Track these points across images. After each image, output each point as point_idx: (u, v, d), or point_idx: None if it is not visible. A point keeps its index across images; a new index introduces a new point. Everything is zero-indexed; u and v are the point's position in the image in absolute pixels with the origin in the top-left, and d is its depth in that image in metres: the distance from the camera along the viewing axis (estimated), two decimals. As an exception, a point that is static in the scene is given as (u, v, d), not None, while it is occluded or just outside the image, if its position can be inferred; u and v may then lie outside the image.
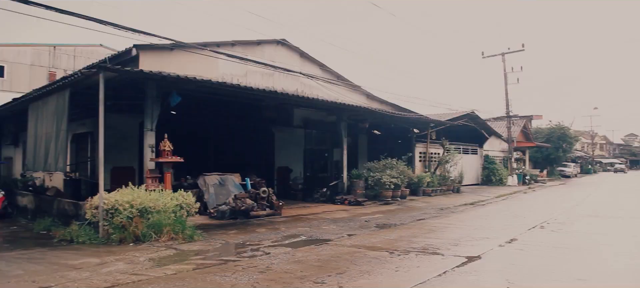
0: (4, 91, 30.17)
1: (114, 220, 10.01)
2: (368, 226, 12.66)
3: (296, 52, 20.28)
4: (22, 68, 33.97)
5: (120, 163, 15.91)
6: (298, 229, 12.05)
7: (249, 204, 13.97)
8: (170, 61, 15.24)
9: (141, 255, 8.65)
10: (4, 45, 33.91)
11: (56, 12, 9.57)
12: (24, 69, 34.04)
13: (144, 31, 11.38)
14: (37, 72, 34.07)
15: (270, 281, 6.85)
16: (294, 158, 22.77)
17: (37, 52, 34.83)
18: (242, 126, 20.36)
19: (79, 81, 11.61)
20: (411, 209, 17.22)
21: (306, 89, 19.81)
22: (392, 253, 8.84)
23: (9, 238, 11.60)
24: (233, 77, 16.89)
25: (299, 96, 17.07)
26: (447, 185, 24.76)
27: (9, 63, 33.49)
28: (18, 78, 33.31)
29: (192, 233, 10.40)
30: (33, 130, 13.55)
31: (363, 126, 22.11)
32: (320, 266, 7.81)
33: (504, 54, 34.39)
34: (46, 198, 14.75)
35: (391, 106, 23.75)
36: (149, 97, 12.51)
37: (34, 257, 8.85)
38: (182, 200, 11.06)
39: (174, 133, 13.12)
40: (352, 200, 18.30)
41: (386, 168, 20.31)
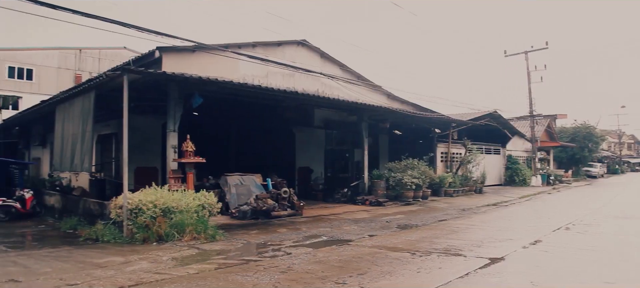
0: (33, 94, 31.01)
1: (137, 219, 10.18)
2: (389, 227, 12.60)
3: (317, 52, 20.31)
4: (49, 71, 34.81)
5: (143, 164, 16.15)
6: (319, 229, 12.06)
7: (270, 204, 14.04)
8: (192, 62, 15.42)
9: (164, 255, 8.77)
10: (32, 49, 34.80)
11: (82, 16, 9.78)
12: (51, 71, 34.88)
13: (166, 33, 11.55)
14: (64, 75, 34.87)
15: (292, 281, 6.88)
16: (315, 158, 22.79)
17: (64, 55, 35.65)
18: (263, 127, 20.46)
19: (103, 83, 11.83)
20: (433, 210, 17.08)
21: (327, 89, 19.82)
22: (414, 254, 8.78)
23: (38, 236, 11.89)
24: (254, 78, 17.00)
25: (320, 97, 17.08)
26: (469, 186, 24.48)
27: (37, 66, 34.36)
28: (46, 81, 34.16)
29: (214, 233, 10.50)
30: (60, 131, 13.85)
31: (384, 126, 22.00)
32: (341, 266, 7.81)
33: (527, 53, 33.85)
34: (72, 197, 15.06)
35: (412, 106, 23.59)
36: (172, 99, 12.67)
37: (61, 255, 9.05)
38: (204, 200, 11.17)
39: (196, 134, 13.27)
40: (373, 200, 18.24)
41: (407, 169, 20.17)
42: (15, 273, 7.34)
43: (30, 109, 19.35)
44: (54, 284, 6.70)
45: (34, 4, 9.18)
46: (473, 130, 26.96)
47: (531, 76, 33.84)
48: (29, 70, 34.19)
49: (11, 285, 6.70)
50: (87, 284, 6.70)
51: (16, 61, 33.76)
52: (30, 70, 34.24)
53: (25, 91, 32.50)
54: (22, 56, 34.08)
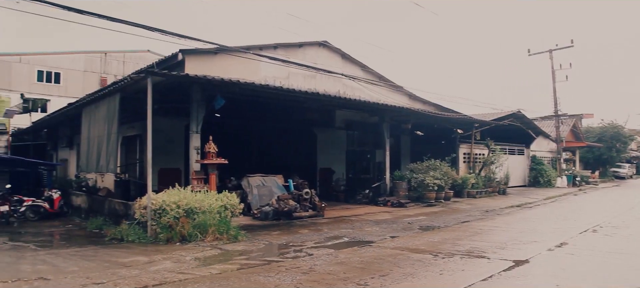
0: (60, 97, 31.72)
1: (161, 219, 10.32)
2: (411, 229, 12.52)
3: (338, 53, 20.31)
4: (76, 74, 35.57)
5: (167, 165, 16.36)
6: (340, 230, 12.06)
7: (291, 205, 14.09)
8: (214, 64, 15.57)
9: (187, 255, 8.87)
10: (60, 53, 35.60)
11: (107, 21, 9.99)
12: (78, 75, 35.64)
13: (189, 36, 11.71)
14: (90, 78, 35.58)
15: (314, 282, 6.89)
16: (336, 159, 22.78)
17: (90, 59, 36.37)
18: (285, 128, 20.54)
19: (128, 85, 12.04)
20: (455, 211, 16.91)
21: (348, 90, 19.80)
22: (436, 256, 8.71)
23: (65, 236, 12.17)
24: (275, 80, 17.08)
25: (341, 98, 17.07)
26: (492, 187, 24.15)
27: (64, 70, 35.15)
28: (73, 84, 34.91)
29: (236, 233, 10.58)
30: (86, 133, 14.14)
31: (405, 126, 21.87)
32: (363, 268, 7.79)
33: (552, 51, 33.24)
34: (98, 198, 15.36)
35: (434, 107, 23.41)
36: (194, 101, 12.82)
37: (87, 254, 9.24)
38: (227, 200, 11.27)
39: (218, 135, 13.39)
40: (395, 201, 18.15)
41: (429, 169, 20.01)
42: (44, 272, 7.53)
43: (58, 112, 19.81)
44: (81, 283, 6.84)
45: (62, 9, 9.39)
46: (496, 130, 26.58)
47: (556, 75, 33.23)
48: (56, 73, 35.00)
49: (41, 282, 6.87)
50: (112, 283, 6.82)
51: (45, 65, 34.61)
52: (58, 73, 35.05)
53: (54, 94, 33.26)
54: (50, 60, 34.91)
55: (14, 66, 33.64)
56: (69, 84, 34.96)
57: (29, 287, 6.70)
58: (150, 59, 30.14)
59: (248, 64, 16.26)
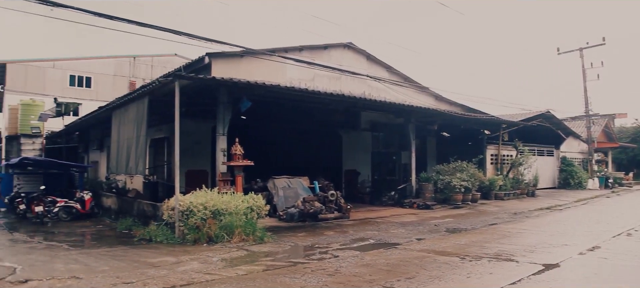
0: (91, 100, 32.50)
1: (188, 221, 10.47)
2: (438, 231, 12.39)
3: (363, 55, 20.28)
4: (106, 78, 36.40)
5: (194, 167, 16.59)
6: (366, 232, 12.02)
7: (317, 207, 14.11)
8: (240, 67, 15.73)
9: (214, 255, 8.98)
10: (91, 58, 36.50)
11: (136, 25, 10.20)
12: (108, 79, 36.46)
13: (215, 40, 11.85)
14: (119, 82, 36.36)
15: (339, 284, 6.88)
16: (362, 161, 22.73)
17: (119, 63, 37.18)
18: (310, 130, 20.59)
19: (156, 89, 12.26)
20: (482, 213, 16.67)
21: (373, 91, 19.74)
22: (463, 259, 8.60)
23: (96, 236, 12.46)
24: (301, 82, 17.14)
25: (366, 99, 17.03)
26: (520, 189, 23.73)
27: (95, 74, 36.01)
28: (103, 88, 35.73)
29: (262, 235, 10.66)
30: (116, 136, 14.45)
31: (431, 128, 21.68)
32: (389, 270, 7.75)
33: (582, 49, 32.46)
34: (127, 199, 15.67)
35: (460, 107, 23.15)
36: (221, 103, 12.97)
37: (117, 254, 9.44)
38: (253, 202, 11.37)
39: (244, 137, 13.51)
40: (421, 203, 18.00)
41: (456, 171, 19.79)
42: (76, 271, 7.72)
43: (89, 115, 20.31)
44: (111, 282, 6.99)
45: (94, 15, 9.63)
46: (524, 131, 26.11)
47: (587, 74, 32.43)
48: (88, 78, 35.88)
49: (73, 281, 7.05)
50: (141, 283, 6.95)
51: (77, 70, 35.53)
52: (89, 78, 35.92)
53: (85, 97, 34.10)
54: (82, 65, 35.82)
55: (48, 71, 34.64)
56: (99, 88, 35.80)
57: (62, 285, 6.87)
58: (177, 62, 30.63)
59: (273, 66, 16.37)
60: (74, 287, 6.80)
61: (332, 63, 17.94)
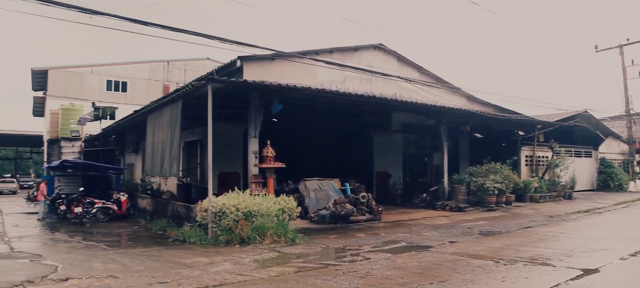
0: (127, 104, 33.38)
1: (221, 222, 10.62)
2: (471, 234, 12.20)
3: (393, 56, 20.16)
4: (140, 83, 37.33)
5: (226, 169, 16.82)
6: (398, 235, 11.93)
7: (348, 209, 14.09)
8: (271, 70, 15.86)
9: (246, 257, 9.07)
10: (126, 63, 37.48)
11: (170, 30, 10.41)
12: (142, 83, 37.37)
13: (247, 43, 11.98)
14: (153, 86, 37.21)
15: (371, 286, 6.86)
16: (393, 162, 22.58)
17: (153, 68, 38.06)
18: (341, 131, 20.59)
19: (189, 92, 12.48)
20: (517, 216, 16.32)
21: (404, 92, 19.60)
22: (498, 263, 8.44)
23: (132, 236, 12.77)
24: (331, 84, 17.16)
25: (397, 100, 16.92)
26: (557, 191, 23.11)
27: (130, 79, 36.99)
28: (138, 92, 36.66)
29: (294, 236, 10.71)
30: (151, 139, 14.78)
31: (464, 129, 21.35)
32: (421, 273, 7.67)
33: (622, 46, 31.37)
34: (162, 200, 16.00)
35: (494, 108, 22.74)
36: (253, 106, 13.11)
37: (152, 254, 9.65)
38: (284, 204, 11.44)
39: (275, 140, 13.62)
40: (453, 205, 17.76)
41: (489, 173, 19.43)
42: (114, 270, 7.94)
43: (125, 119, 20.83)
44: (147, 282, 7.15)
45: (130, 21, 9.89)
46: (561, 132, 25.43)
47: (627, 72, 31.34)
48: (123, 82, 36.88)
49: (111, 280, 7.25)
50: (175, 283, 7.09)
51: (113, 75, 36.59)
52: (125, 82, 36.92)
53: (121, 102, 35.07)
54: (118, 70, 36.87)
55: (86, 76, 35.75)
56: (134, 92, 36.73)
57: (101, 284, 7.07)
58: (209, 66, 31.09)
59: (304, 68, 16.44)
60: (112, 285, 6.99)
61: (363, 65, 17.90)
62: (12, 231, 13.92)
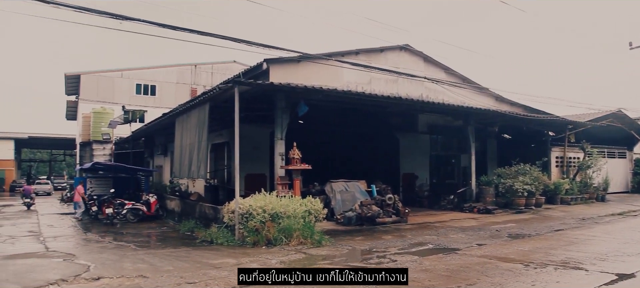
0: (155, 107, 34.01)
1: (248, 223, 10.71)
2: (499, 236, 12.01)
3: (419, 56, 20.00)
4: (169, 86, 37.99)
5: (252, 170, 16.96)
6: (425, 237, 11.83)
7: (374, 211, 14.04)
8: (297, 72, 15.92)
9: (273, 258, 9.13)
10: (155, 67, 38.21)
11: (198, 34, 10.57)
12: (170, 87, 38.03)
13: (273, 46, 12.07)
14: (181, 89, 37.81)
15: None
16: (420, 164, 22.41)
17: (181, 71, 38.69)
18: (367, 133, 20.54)
19: (216, 95, 12.64)
20: (547, 218, 15.99)
21: (431, 93, 19.44)
22: (527, 266, 8.28)
23: (161, 237, 13.00)
24: (357, 85, 17.14)
25: (424, 102, 16.79)
26: (589, 193, 22.54)
27: (159, 83, 37.68)
28: (166, 95, 37.32)
29: (320, 238, 10.73)
30: (179, 141, 15.02)
31: (492, 130, 21.06)
32: (448, 276, 7.59)
33: (658, 44, 30.38)
34: (190, 202, 16.23)
35: (522, 108, 22.34)
36: (279, 108, 13.19)
37: (181, 255, 9.81)
38: (311, 206, 11.47)
39: (301, 141, 13.67)
40: (481, 207, 17.51)
41: (518, 174, 19.09)
42: (143, 270, 8.09)
43: (154, 122, 21.22)
44: (176, 282, 7.27)
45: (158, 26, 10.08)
46: (593, 132, 24.79)
47: (662, 71, 30.31)
48: (152, 86, 37.60)
49: (141, 280, 7.40)
50: (203, 283, 7.18)
51: (142, 78, 37.36)
52: (154, 86, 37.63)
53: (150, 105, 35.74)
54: (147, 74, 37.62)
55: (116, 80, 36.58)
56: (163, 96, 37.39)
57: (131, 283, 7.22)
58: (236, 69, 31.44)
59: (330, 70, 16.47)
60: (142, 285, 7.12)
61: (389, 66, 17.81)
62: (47, 231, 14.35)
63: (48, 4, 8.75)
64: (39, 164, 70.11)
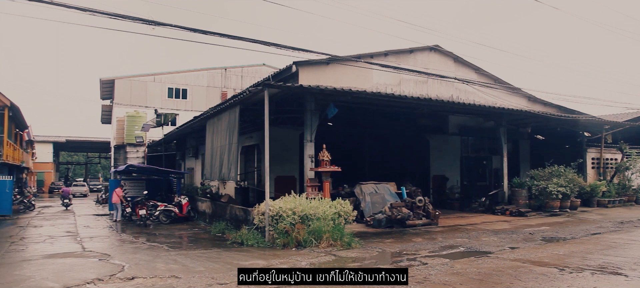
0: (187, 111, 34.63)
1: (278, 225, 10.78)
2: (533, 239, 11.75)
3: (450, 57, 19.79)
4: (199, 90, 38.60)
5: (282, 172, 17.06)
6: (456, 240, 11.68)
7: (404, 213, 13.94)
8: (326, 74, 15.97)
9: (303, 260, 9.16)
10: (186, 71, 38.90)
11: (228, 38, 10.72)
12: (201, 90, 38.63)
13: (302, 48, 12.12)
14: (212, 93, 38.37)
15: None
16: (450, 166, 22.14)
17: (212, 75, 39.27)
18: (397, 135, 20.42)
19: (246, 98, 12.77)
20: (583, 221, 15.55)
21: (461, 94, 19.19)
22: (563, 271, 8.07)
23: (192, 238, 13.20)
24: (386, 87, 17.06)
25: (454, 102, 16.59)
26: (627, 195, 21.84)
27: (190, 86, 38.34)
28: (197, 99, 37.93)
29: (350, 240, 10.72)
30: (209, 144, 15.24)
31: (524, 130, 20.59)
32: (480, 280, 7.47)
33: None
34: (220, 204, 16.44)
35: (556, 108, 21.83)
36: (308, 110, 13.24)
37: (212, 256, 9.94)
38: (340, 208, 11.46)
39: (330, 143, 13.69)
40: (514, 210, 17.17)
41: (552, 176, 18.65)
42: (176, 271, 8.24)
43: (185, 125, 21.59)
44: (207, 282, 7.37)
45: (189, 31, 10.27)
46: (632, 132, 24.02)
47: None
48: (184, 90, 38.28)
49: (173, 280, 7.53)
50: (234, 284, 7.25)
51: (174, 82, 38.08)
52: (185, 89, 38.31)
53: (181, 108, 36.42)
54: (178, 78, 38.34)
55: (149, 85, 37.39)
56: (194, 99, 38.03)
57: (164, 283, 7.36)
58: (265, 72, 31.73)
59: (359, 72, 16.44)
60: (174, 285, 7.25)
61: (418, 67, 17.68)
62: (83, 231, 14.78)
63: (85, 11, 9.01)
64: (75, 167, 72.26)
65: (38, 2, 8.57)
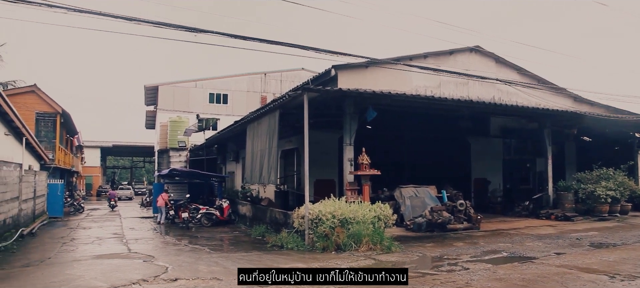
0: (227, 115, 35.29)
1: (317, 229, 10.82)
2: (580, 245, 11.35)
3: (491, 58, 19.39)
4: (240, 94, 39.28)
5: (321, 176, 17.11)
6: (498, 244, 11.42)
7: (445, 217, 13.74)
8: (364, 77, 15.94)
9: (342, 263, 9.16)
10: (226, 77, 39.67)
11: (267, 44, 10.87)
12: (241, 95, 39.29)
13: (340, 52, 12.16)
14: (251, 97, 38.95)
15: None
16: (492, 168, 21.67)
17: (251, 80, 39.88)
18: (437, 137, 20.15)
19: (286, 102, 12.91)
20: (635, 227, 14.91)
21: (503, 95, 18.77)
22: (613, 278, 7.76)
23: (233, 241, 13.43)
24: (426, 89, 16.89)
25: (496, 104, 16.25)
26: (683, 199, 20.78)
27: (230, 91, 39.07)
28: (237, 103, 38.60)
29: (390, 244, 10.65)
30: (250, 148, 15.46)
31: (570, 132, 19.90)
32: (524, 286, 7.28)
33: None
34: (260, 207, 16.65)
35: (604, 108, 21.02)
36: (347, 114, 13.25)
37: (252, 259, 10.08)
38: (380, 211, 11.41)
39: (370, 147, 13.64)
40: (559, 214, 16.64)
41: (600, 179, 17.96)
42: (217, 273, 8.40)
43: (226, 129, 21.98)
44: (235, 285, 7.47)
45: (230, 37, 10.48)
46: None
47: None
48: (224, 95, 39.04)
49: (215, 282, 7.68)
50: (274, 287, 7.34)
51: (215, 88, 38.92)
52: (226, 95, 39.06)
53: (222, 113, 37.16)
54: (219, 83, 39.15)
55: (191, 90, 38.33)
56: (234, 104, 38.72)
57: (206, 285, 7.52)
58: (304, 76, 31.93)
59: (398, 75, 16.34)
60: (216, 287, 7.40)
61: (458, 68, 17.40)
62: (129, 234, 15.27)
63: (131, 21, 9.34)
64: (121, 171, 74.72)
65: (88, 13, 8.94)
